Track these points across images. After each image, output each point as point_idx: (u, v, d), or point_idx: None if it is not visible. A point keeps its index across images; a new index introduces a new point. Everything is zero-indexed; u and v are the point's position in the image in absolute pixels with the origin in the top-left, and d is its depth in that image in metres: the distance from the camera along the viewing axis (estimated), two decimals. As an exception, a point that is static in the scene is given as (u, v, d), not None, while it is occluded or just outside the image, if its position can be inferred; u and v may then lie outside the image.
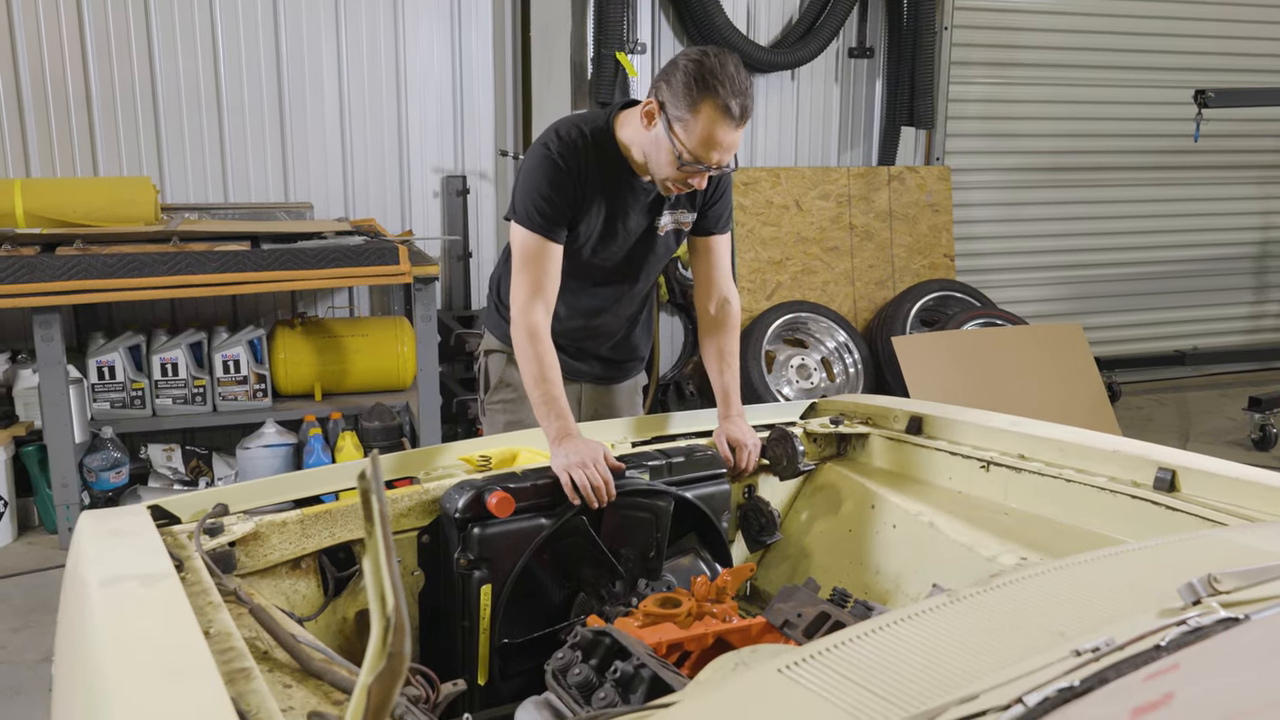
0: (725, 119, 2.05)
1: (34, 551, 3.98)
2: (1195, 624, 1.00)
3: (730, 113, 2.04)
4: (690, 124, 2.06)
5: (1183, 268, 6.73)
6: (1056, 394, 5.05)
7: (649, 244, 2.40)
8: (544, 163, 2.22)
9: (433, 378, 4.31)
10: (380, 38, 4.98)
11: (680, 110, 2.07)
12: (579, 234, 2.30)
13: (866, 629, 1.11)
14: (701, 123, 2.05)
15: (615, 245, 2.36)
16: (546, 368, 2.14)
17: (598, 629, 1.69)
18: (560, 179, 2.21)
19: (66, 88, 4.57)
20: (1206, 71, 6.28)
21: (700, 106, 2.04)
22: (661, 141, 2.11)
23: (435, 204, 5.20)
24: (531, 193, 2.22)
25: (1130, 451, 1.99)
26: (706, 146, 2.07)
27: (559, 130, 2.26)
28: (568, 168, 2.22)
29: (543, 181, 2.21)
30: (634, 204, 2.32)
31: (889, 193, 5.79)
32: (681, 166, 2.11)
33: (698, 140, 2.07)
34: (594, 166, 2.24)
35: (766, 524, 2.34)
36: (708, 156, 2.09)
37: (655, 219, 2.36)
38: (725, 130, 2.06)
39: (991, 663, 0.99)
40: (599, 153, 2.24)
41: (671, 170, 2.13)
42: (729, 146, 2.09)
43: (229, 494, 1.88)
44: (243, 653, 1.29)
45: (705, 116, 2.05)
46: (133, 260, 3.83)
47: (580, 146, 2.23)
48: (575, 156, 2.22)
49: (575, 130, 2.25)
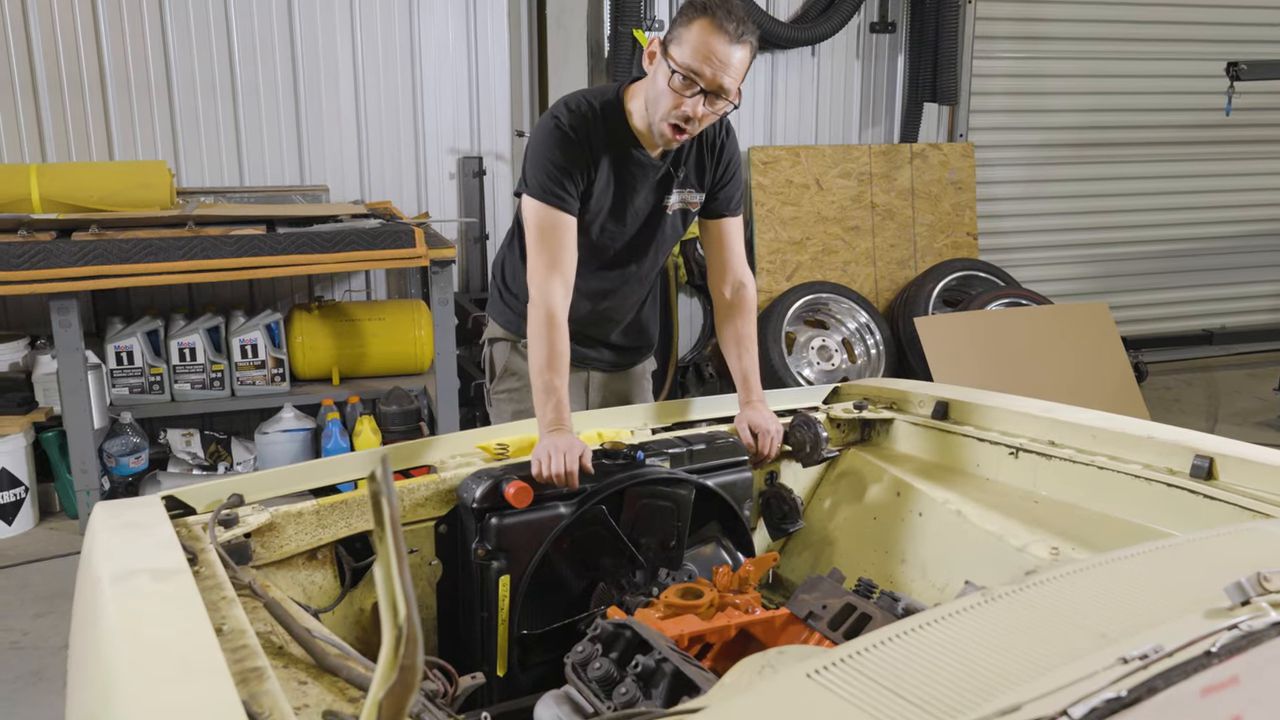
0: (718, 32, 2.04)
1: (55, 537, 4.00)
2: (1246, 628, 0.96)
3: (723, 27, 2.04)
4: (684, 38, 2.07)
5: (1211, 245, 6.60)
6: (1082, 375, 4.97)
7: (657, 223, 2.36)
8: (554, 133, 2.19)
9: (450, 361, 4.28)
10: (395, 18, 4.92)
11: (676, 31, 2.09)
12: (588, 210, 2.26)
13: (898, 630, 1.06)
14: (695, 34, 2.06)
15: (624, 224, 2.33)
16: (557, 356, 2.10)
17: (618, 621, 1.66)
18: (571, 149, 2.18)
19: (81, 72, 4.55)
20: (1239, 44, 6.12)
21: (694, 22, 2.06)
22: (659, 71, 2.11)
23: (451, 186, 5.16)
24: (543, 162, 2.19)
25: (1165, 438, 1.93)
26: (700, 56, 2.05)
27: (568, 103, 2.24)
28: (578, 138, 2.19)
29: (555, 151, 2.18)
30: (642, 180, 2.28)
31: (911, 171, 5.70)
32: (676, 86, 2.07)
33: (691, 50, 2.05)
34: (602, 139, 2.21)
35: (789, 512, 2.29)
36: (701, 68, 2.06)
37: (664, 197, 2.32)
38: (719, 42, 2.04)
39: (1032, 668, 0.94)
40: (607, 126, 2.22)
41: (669, 97, 2.09)
42: (723, 61, 2.05)
43: (244, 484, 1.85)
44: (256, 650, 1.26)
45: (698, 28, 2.05)
46: (149, 245, 3.81)
47: (590, 118, 2.20)
48: (584, 127, 2.20)
49: (584, 103, 2.23)
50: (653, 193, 2.31)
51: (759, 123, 5.58)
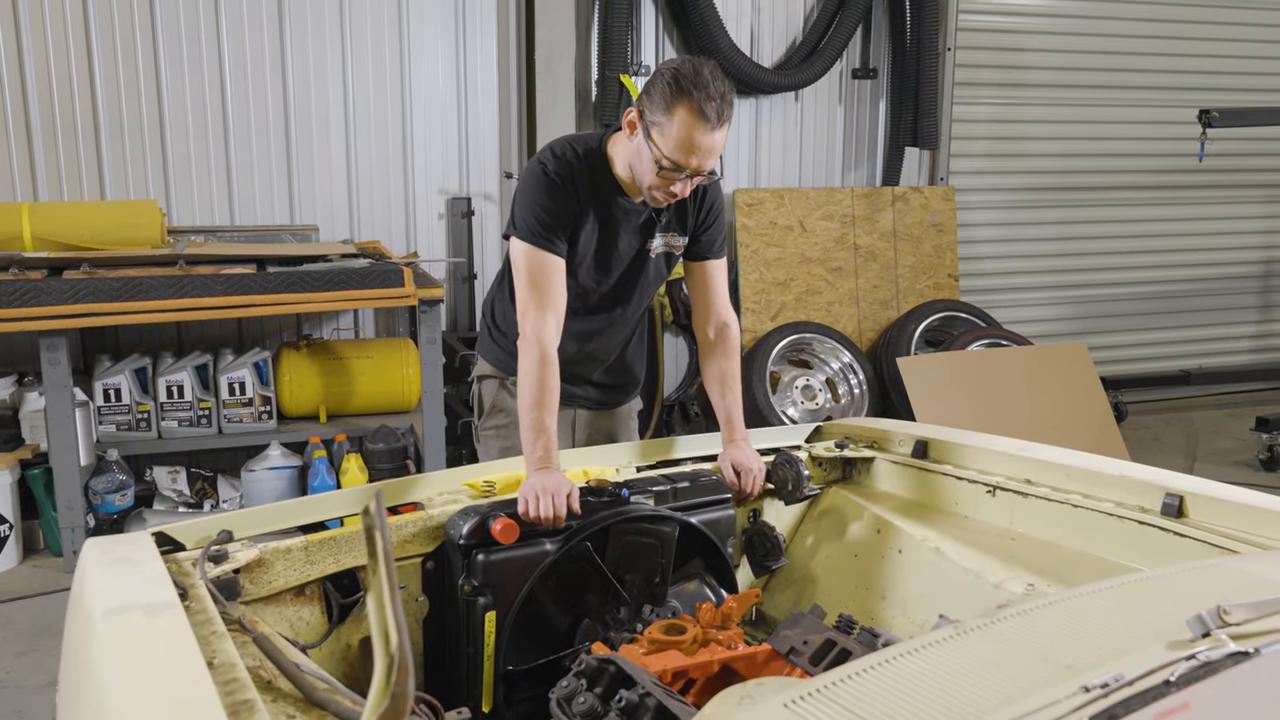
0: (700, 122, 2.06)
1: (39, 574, 3.98)
2: (1204, 658, 1.00)
3: (705, 115, 2.06)
4: (666, 128, 2.09)
5: (1188, 287, 6.72)
6: (1062, 415, 5.03)
7: (641, 266, 2.42)
8: (540, 179, 2.26)
9: (437, 399, 4.31)
10: (386, 61, 5.01)
11: (657, 115, 2.10)
12: (575, 255, 2.32)
13: (873, 661, 1.10)
14: (677, 126, 2.07)
15: (608, 267, 2.38)
16: (547, 394, 2.13)
17: (602, 656, 1.69)
18: (557, 194, 2.25)
19: (75, 113, 4.60)
20: (1210, 91, 6.29)
21: (675, 110, 2.07)
22: (642, 149, 2.15)
23: (440, 226, 5.22)
24: (532, 206, 2.25)
25: (1137, 477, 1.98)
26: (683, 150, 2.09)
27: (553, 149, 2.30)
28: (563, 184, 2.25)
29: (542, 196, 2.24)
30: (625, 225, 2.34)
31: (893, 213, 5.80)
32: (660, 172, 2.13)
33: (674, 144, 2.09)
34: (587, 186, 2.28)
35: (772, 549, 2.32)
36: (685, 160, 2.10)
37: (647, 241, 2.38)
38: (701, 133, 2.07)
39: (1000, 697, 0.98)
40: (591, 172, 2.28)
41: (653, 177, 2.16)
42: (706, 150, 2.10)
43: (233, 520, 1.87)
44: (246, 684, 1.28)
45: (680, 120, 2.06)
46: (139, 283, 3.84)
47: (574, 165, 2.27)
48: (570, 173, 2.26)
49: (569, 149, 2.29)
50: (636, 237, 2.37)
51: (744, 165, 5.68)
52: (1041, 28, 6.09)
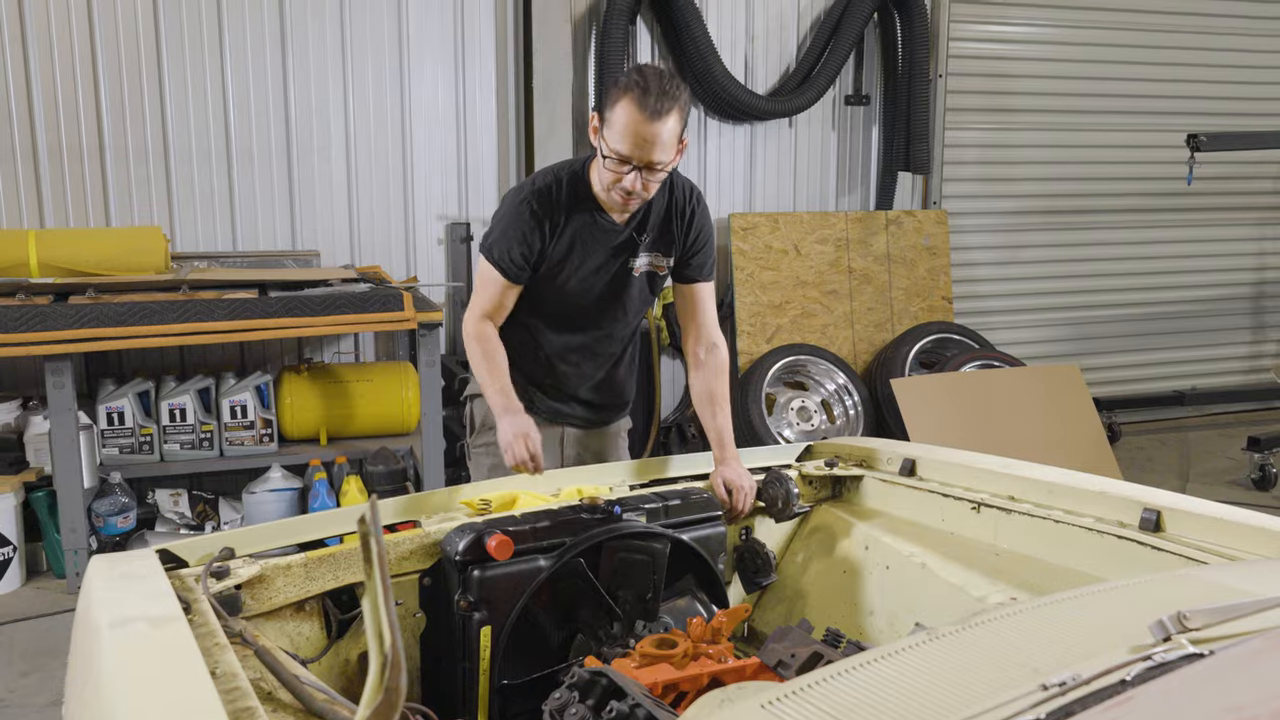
0: (640, 111, 2.17)
1: (42, 596, 4.02)
2: (1160, 659, 1.04)
3: (644, 106, 2.17)
4: (612, 121, 2.22)
5: (1180, 308, 6.79)
6: (1056, 435, 5.08)
7: (624, 284, 2.49)
8: (518, 209, 2.38)
9: (436, 422, 4.36)
10: (386, 88, 5.10)
11: (606, 112, 2.24)
12: (554, 270, 2.42)
13: (848, 666, 1.15)
14: (618, 116, 2.20)
15: (590, 283, 2.47)
16: (492, 354, 2.38)
17: (594, 669, 1.73)
18: (533, 226, 2.37)
19: (81, 140, 4.69)
20: (1198, 115, 6.39)
21: (618, 104, 2.20)
22: (600, 150, 2.26)
23: (439, 251, 5.29)
24: (505, 236, 2.39)
25: (1117, 493, 2.03)
26: (625, 139, 2.20)
27: (535, 178, 2.44)
28: (540, 216, 2.37)
29: (515, 225, 2.38)
30: (604, 243, 2.44)
31: (887, 237, 5.87)
32: (609, 165, 2.24)
33: (618, 134, 2.20)
34: (565, 208, 2.39)
35: (762, 565, 2.37)
36: (629, 150, 2.21)
37: (629, 260, 2.46)
38: (642, 123, 2.18)
39: (965, 698, 1.03)
40: (572, 195, 2.39)
41: (609, 175, 2.27)
42: (649, 140, 2.19)
43: (235, 538, 1.92)
44: (248, 692, 1.33)
45: (621, 110, 2.19)
46: (143, 308, 3.90)
47: (554, 194, 2.38)
48: (548, 204, 2.38)
49: (551, 177, 2.41)
50: (618, 254, 2.45)
51: (739, 190, 5.76)
52: (1031, 54, 6.19)
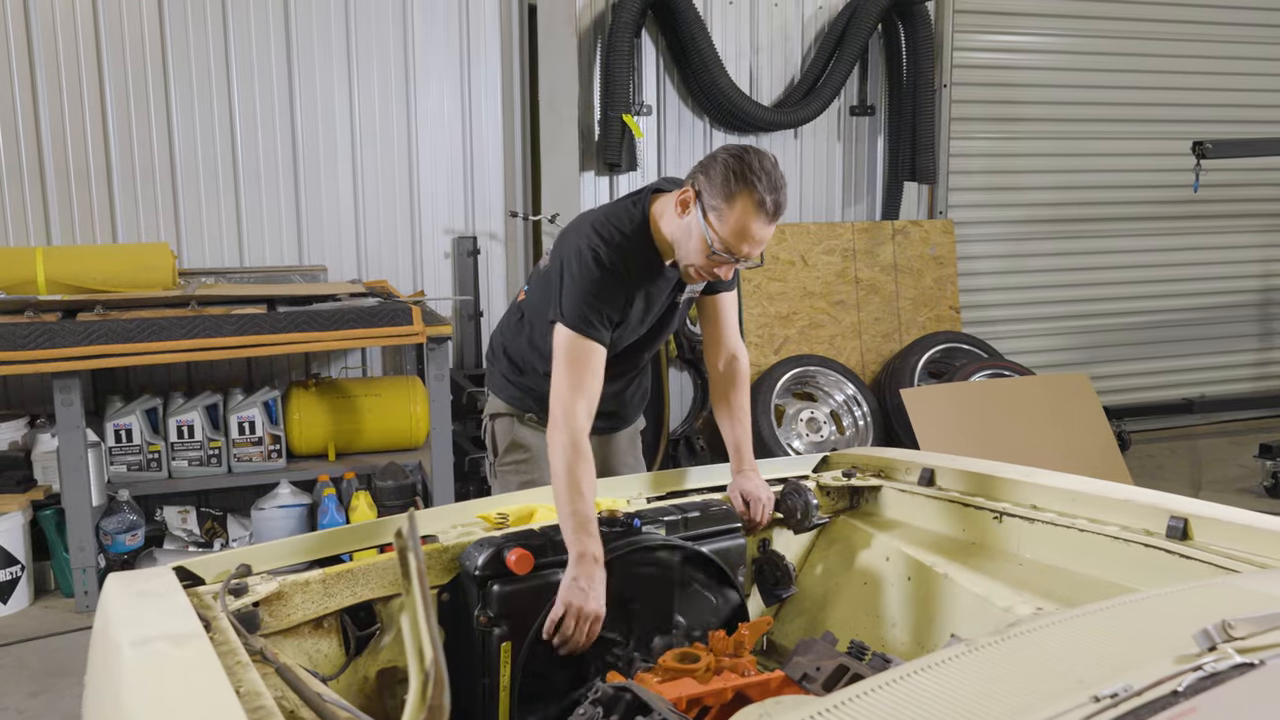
0: (759, 212, 2.10)
1: (51, 615, 3.99)
2: (1211, 669, 1.02)
3: (764, 206, 2.10)
4: (725, 214, 2.11)
5: (1188, 316, 6.77)
6: (1066, 444, 5.05)
7: (669, 319, 2.47)
8: (593, 270, 2.21)
9: (445, 436, 4.34)
10: (391, 104, 5.10)
11: (716, 200, 2.12)
12: (623, 328, 2.33)
13: (886, 679, 1.13)
14: (736, 213, 2.10)
15: (642, 326, 2.41)
16: (582, 481, 2.05)
17: (618, 685, 1.71)
18: (611, 285, 2.22)
19: (87, 158, 4.69)
20: (1204, 123, 6.37)
21: (736, 198, 2.09)
22: (694, 229, 2.16)
23: (446, 265, 5.29)
24: (584, 295, 2.20)
25: (1142, 501, 2.01)
26: (739, 237, 2.12)
27: (600, 234, 2.25)
28: (617, 273, 2.23)
29: (595, 287, 2.20)
30: (666, 290, 2.38)
31: (893, 247, 5.86)
32: (711, 255, 2.15)
33: (730, 230, 2.12)
34: (639, 268, 2.27)
35: (782, 577, 2.35)
36: (739, 247, 2.13)
37: (677, 295, 2.42)
38: (758, 223, 2.11)
39: (1011, 710, 1.01)
40: (638, 250, 2.27)
41: (701, 259, 2.18)
42: (759, 240, 2.14)
43: (251, 554, 1.90)
44: (273, 711, 1.31)
45: (740, 207, 2.10)
46: (152, 325, 3.89)
47: (626, 250, 2.25)
48: (623, 261, 2.24)
49: (616, 233, 2.26)
50: (670, 295, 2.40)
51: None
52: (1035, 63, 6.19)
